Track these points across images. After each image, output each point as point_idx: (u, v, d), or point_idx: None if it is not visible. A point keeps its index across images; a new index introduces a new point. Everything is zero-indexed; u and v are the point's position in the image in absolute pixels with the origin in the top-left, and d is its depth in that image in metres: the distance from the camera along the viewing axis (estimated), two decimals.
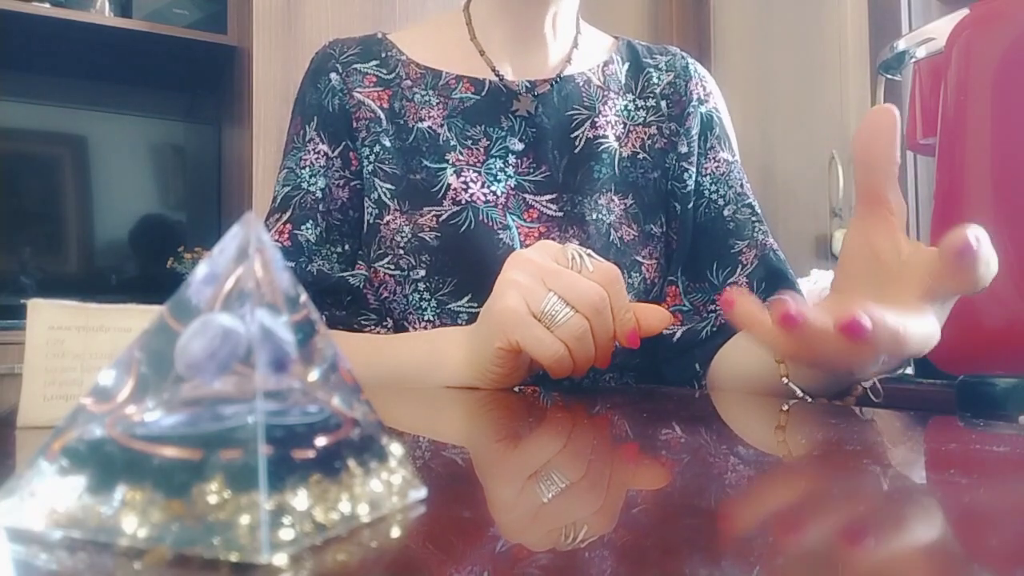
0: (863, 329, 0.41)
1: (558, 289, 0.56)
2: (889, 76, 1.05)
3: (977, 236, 0.44)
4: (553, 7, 0.81)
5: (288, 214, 0.78)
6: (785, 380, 0.59)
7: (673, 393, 0.72)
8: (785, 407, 0.53)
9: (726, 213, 0.81)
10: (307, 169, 0.79)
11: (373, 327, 0.77)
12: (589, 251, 0.58)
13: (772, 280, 0.76)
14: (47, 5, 2.03)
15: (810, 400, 0.59)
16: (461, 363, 0.62)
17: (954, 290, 0.47)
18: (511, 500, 0.28)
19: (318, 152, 0.80)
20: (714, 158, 0.83)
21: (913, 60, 0.94)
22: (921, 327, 0.46)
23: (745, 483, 0.31)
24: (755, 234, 0.79)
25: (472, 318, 0.72)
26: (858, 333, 0.41)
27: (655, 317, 0.59)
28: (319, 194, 0.78)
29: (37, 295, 0.40)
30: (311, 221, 0.77)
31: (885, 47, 1.01)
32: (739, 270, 0.78)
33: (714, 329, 0.75)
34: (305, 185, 0.79)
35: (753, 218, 0.80)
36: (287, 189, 0.79)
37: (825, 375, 0.57)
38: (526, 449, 0.38)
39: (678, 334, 0.77)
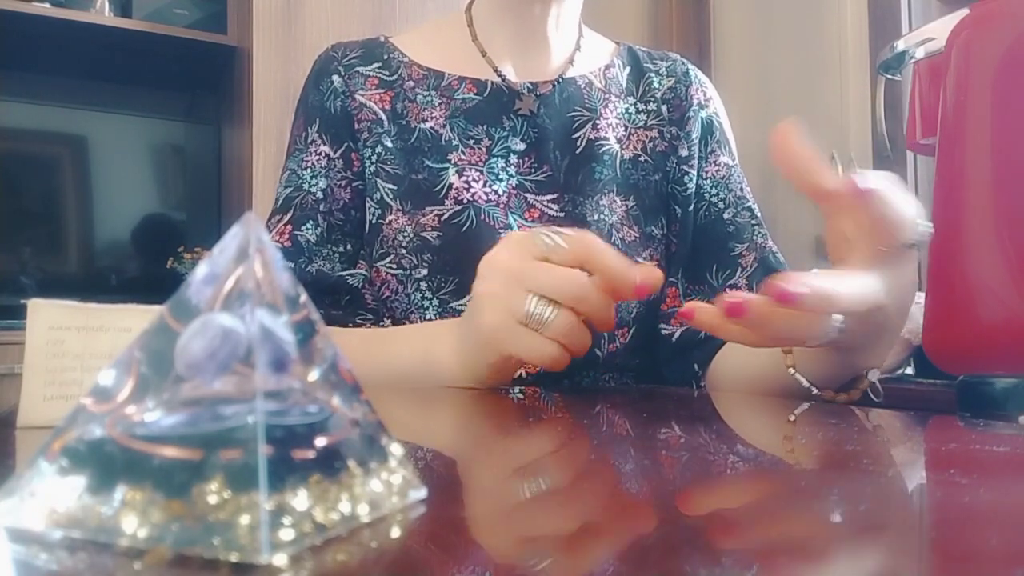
0: (791, 295, 0.45)
1: (536, 288, 0.54)
2: (889, 76, 1.05)
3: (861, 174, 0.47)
4: (556, 10, 0.81)
5: (289, 215, 0.78)
6: (792, 371, 0.59)
7: (673, 393, 0.72)
8: (792, 417, 0.53)
9: (726, 216, 0.81)
10: (308, 170, 0.79)
11: (369, 327, 0.77)
12: (557, 229, 0.56)
13: None
14: (47, 5, 2.03)
15: (816, 392, 0.59)
16: (456, 370, 0.61)
17: (876, 239, 0.49)
18: (511, 500, 0.28)
19: (319, 153, 0.80)
20: (714, 162, 0.84)
21: (913, 60, 0.94)
22: (855, 285, 0.49)
23: (745, 483, 0.31)
24: (755, 237, 0.79)
25: None
26: (788, 299, 0.45)
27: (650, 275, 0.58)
28: (320, 195, 0.78)
29: (37, 295, 0.40)
30: (311, 222, 0.78)
31: (885, 47, 1.01)
32: (739, 272, 0.78)
33: None
34: (306, 186, 0.79)
35: (753, 221, 0.81)
36: (289, 190, 0.79)
37: (830, 364, 0.57)
38: (526, 449, 0.38)
39: (677, 334, 0.77)
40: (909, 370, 0.94)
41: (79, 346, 0.39)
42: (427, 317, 0.75)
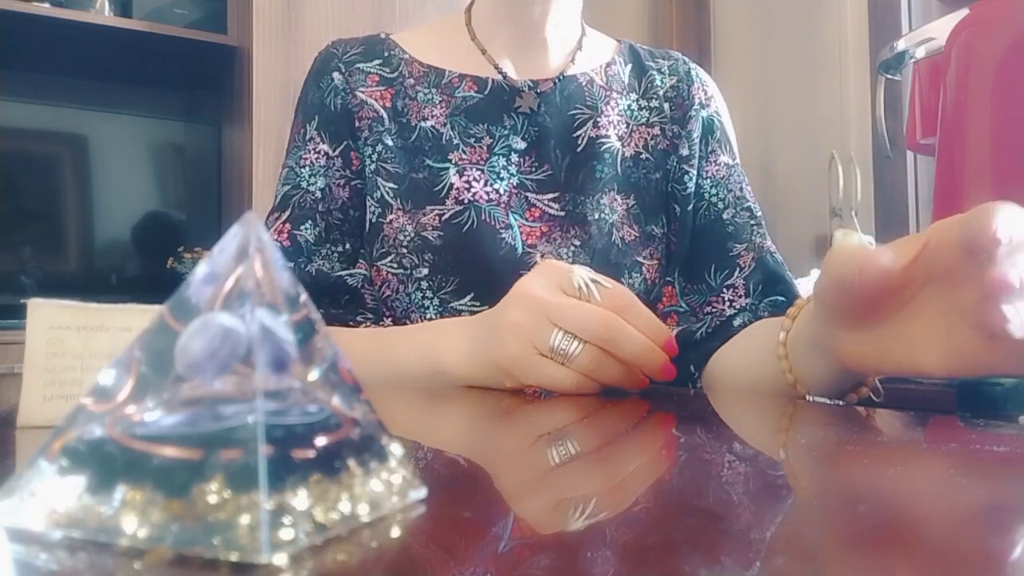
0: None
1: (563, 323, 0.54)
2: (889, 76, 1.05)
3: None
4: (554, 11, 0.81)
5: (287, 213, 0.78)
6: (789, 376, 0.59)
7: (672, 393, 0.72)
8: (787, 417, 0.53)
9: (725, 216, 0.81)
10: (307, 168, 0.79)
11: (369, 326, 0.77)
12: (596, 277, 0.56)
13: (769, 282, 0.77)
14: (47, 5, 2.03)
15: (811, 399, 0.58)
16: (464, 375, 0.62)
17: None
18: (511, 500, 0.28)
19: (318, 152, 0.80)
20: (715, 162, 0.84)
21: (913, 60, 0.94)
22: None
23: (744, 482, 0.31)
24: (753, 237, 0.79)
25: None
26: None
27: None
28: (318, 194, 0.78)
29: (37, 295, 0.40)
30: (310, 221, 0.78)
31: (885, 47, 1.01)
32: (736, 273, 0.78)
33: (709, 331, 0.76)
34: (304, 184, 0.79)
35: (752, 221, 0.80)
36: (287, 188, 0.79)
37: (831, 373, 0.56)
38: (526, 449, 0.38)
39: (673, 335, 0.77)
40: None
41: (79, 346, 0.39)
42: (427, 316, 0.75)
